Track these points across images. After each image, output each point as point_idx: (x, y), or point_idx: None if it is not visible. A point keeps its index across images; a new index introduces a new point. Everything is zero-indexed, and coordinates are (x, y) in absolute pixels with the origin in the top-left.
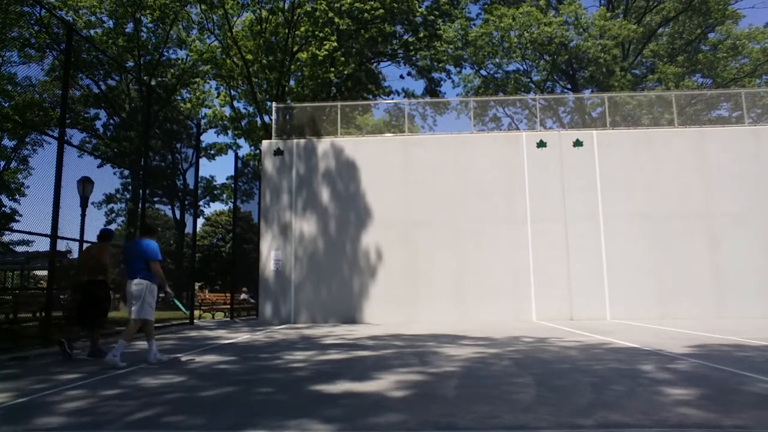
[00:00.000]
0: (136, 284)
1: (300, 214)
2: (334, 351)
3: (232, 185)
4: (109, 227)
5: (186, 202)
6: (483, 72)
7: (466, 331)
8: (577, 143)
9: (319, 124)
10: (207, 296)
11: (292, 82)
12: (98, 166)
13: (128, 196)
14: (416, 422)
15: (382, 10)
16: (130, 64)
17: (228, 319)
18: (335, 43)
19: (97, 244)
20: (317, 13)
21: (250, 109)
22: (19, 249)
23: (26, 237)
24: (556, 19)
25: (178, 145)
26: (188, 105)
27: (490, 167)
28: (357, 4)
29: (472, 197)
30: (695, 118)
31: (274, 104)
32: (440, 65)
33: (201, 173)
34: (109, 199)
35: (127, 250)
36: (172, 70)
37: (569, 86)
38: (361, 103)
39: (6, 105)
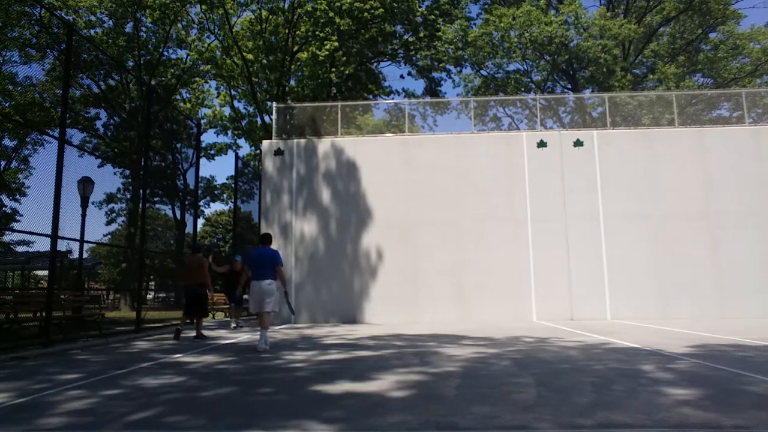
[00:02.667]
0: (268, 284)
1: (300, 214)
2: (334, 351)
3: (233, 185)
4: (198, 242)
5: (186, 202)
6: (483, 72)
7: (467, 331)
8: (578, 143)
9: (320, 124)
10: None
11: (292, 82)
12: (99, 166)
13: (129, 195)
14: (417, 422)
15: (382, 10)
16: (130, 63)
17: (228, 318)
18: (336, 43)
19: (195, 256)
20: (317, 13)
21: (250, 109)
22: (20, 249)
23: (27, 237)
24: (557, 19)
25: (178, 145)
26: (188, 105)
27: (490, 167)
28: (357, 4)
29: (472, 197)
30: (696, 118)
31: (274, 104)
32: (440, 65)
33: (201, 173)
34: (110, 198)
35: (255, 256)
36: (172, 70)
37: (569, 86)
38: (361, 103)
39: (7, 105)
